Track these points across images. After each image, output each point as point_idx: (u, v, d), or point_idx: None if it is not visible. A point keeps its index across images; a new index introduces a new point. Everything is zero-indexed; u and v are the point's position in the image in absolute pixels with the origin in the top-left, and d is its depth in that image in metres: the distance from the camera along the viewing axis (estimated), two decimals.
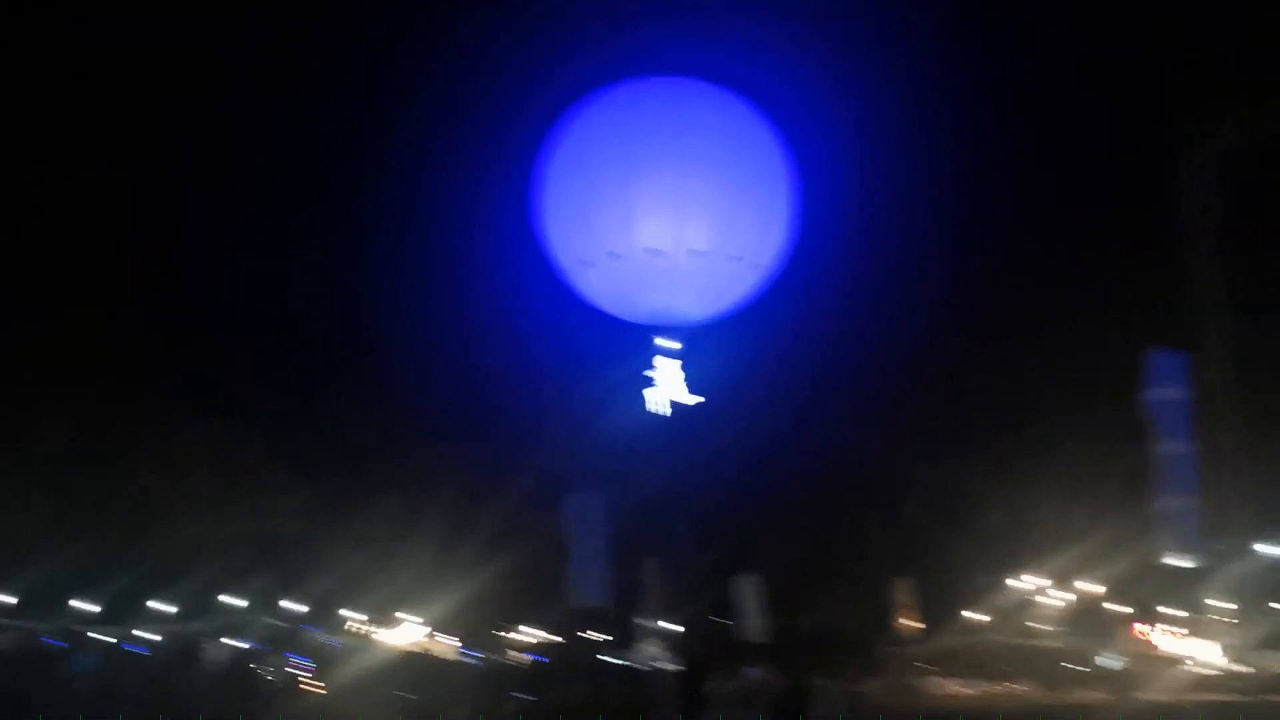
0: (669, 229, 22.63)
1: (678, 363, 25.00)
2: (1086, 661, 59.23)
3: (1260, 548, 36.15)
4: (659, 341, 24.80)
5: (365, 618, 64.77)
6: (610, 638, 67.41)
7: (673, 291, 23.39)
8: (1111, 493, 55.74)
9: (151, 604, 55.07)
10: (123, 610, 52.40)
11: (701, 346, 25.42)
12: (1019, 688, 58.05)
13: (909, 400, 71.08)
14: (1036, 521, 63.85)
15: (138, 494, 54.03)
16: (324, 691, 18.14)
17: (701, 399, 25.50)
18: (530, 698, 21.23)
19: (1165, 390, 33.07)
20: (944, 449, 71.07)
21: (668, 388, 25.01)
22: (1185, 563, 34.78)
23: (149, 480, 54.29)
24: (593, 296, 24.65)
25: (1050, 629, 67.96)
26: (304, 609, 61.83)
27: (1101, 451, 58.06)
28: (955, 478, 68.60)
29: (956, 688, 64.45)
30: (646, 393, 25.45)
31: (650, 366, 25.28)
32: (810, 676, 24.52)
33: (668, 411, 25.29)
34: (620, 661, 49.24)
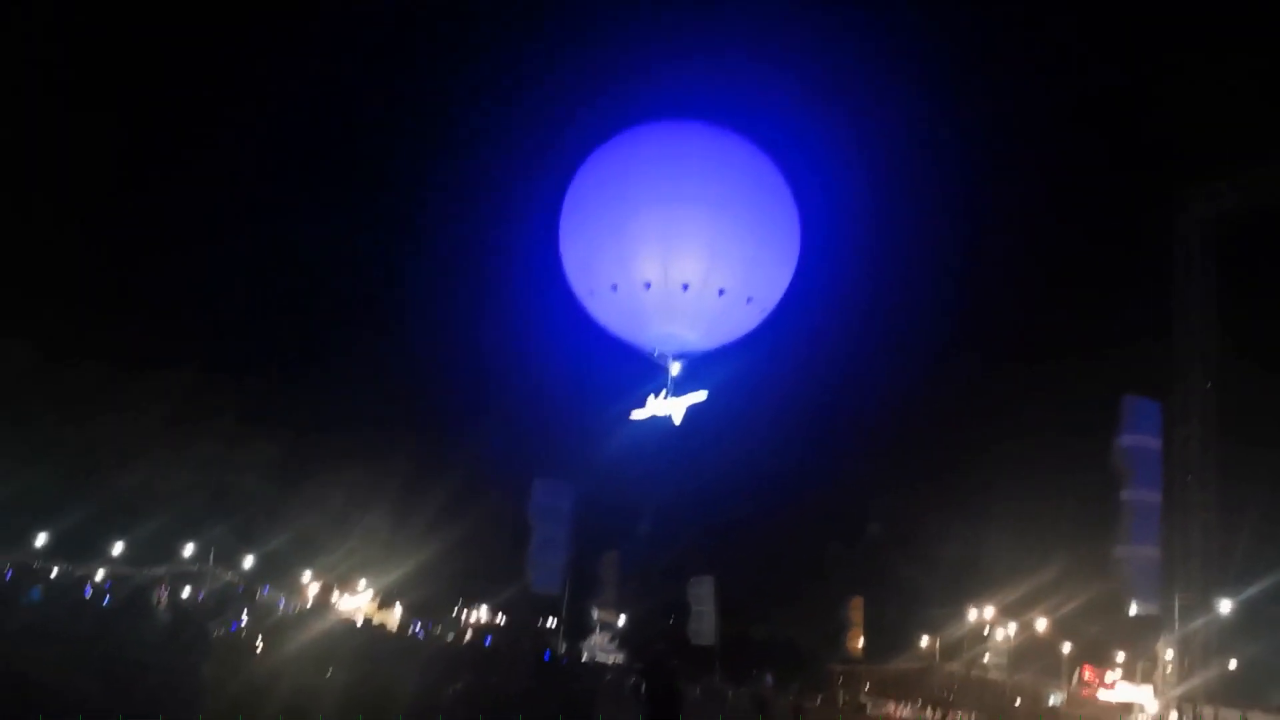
0: (675, 264, 23.32)
1: (673, 382, 25.80)
2: (1038, 699, 59.35)
3: (1218, 601, 36.20)
4: (663, 361, 25.62)
5: (318, 581, 64.45)
6: (560, 626, 67.38)
7: (675, 321, 24.09)
8: (1073, 533, 55.93)
9: (103, 545, 54.65)
10: (74, 548, 51.92)
11: (698, 370, 26.13)
12: (963, 717, 58.13)
13: (881, 427, 71.44)
14: (994, 556, 64.10)
15: (94, 431, 53.58)
16: (267, 652, 17.94)
17: (687, 413, 26.20)
18: (477, 680, 20.97)
19: (1139, 437, 33.09)
20: (910, 476, 71.46)
21: (662, 404, 25.81)
22: (1141, 610, 34.81)
23: (105, 418, 53.83)
24: (603, 321, 25.46)
25: (1000, 662, 68.06)
26: (256, 566, 61.42)
27: (1068, 491, 58.26)
28: (918, 506, 68.88)
29: (902, 712, 64.58)
30: (643, 408, 26.31)
31: (648, 385, 26.25)
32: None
33: (665, 421, 26.08)
34: (566, 652, 49.10)
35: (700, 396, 26.39)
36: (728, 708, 21.78)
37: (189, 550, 59.00)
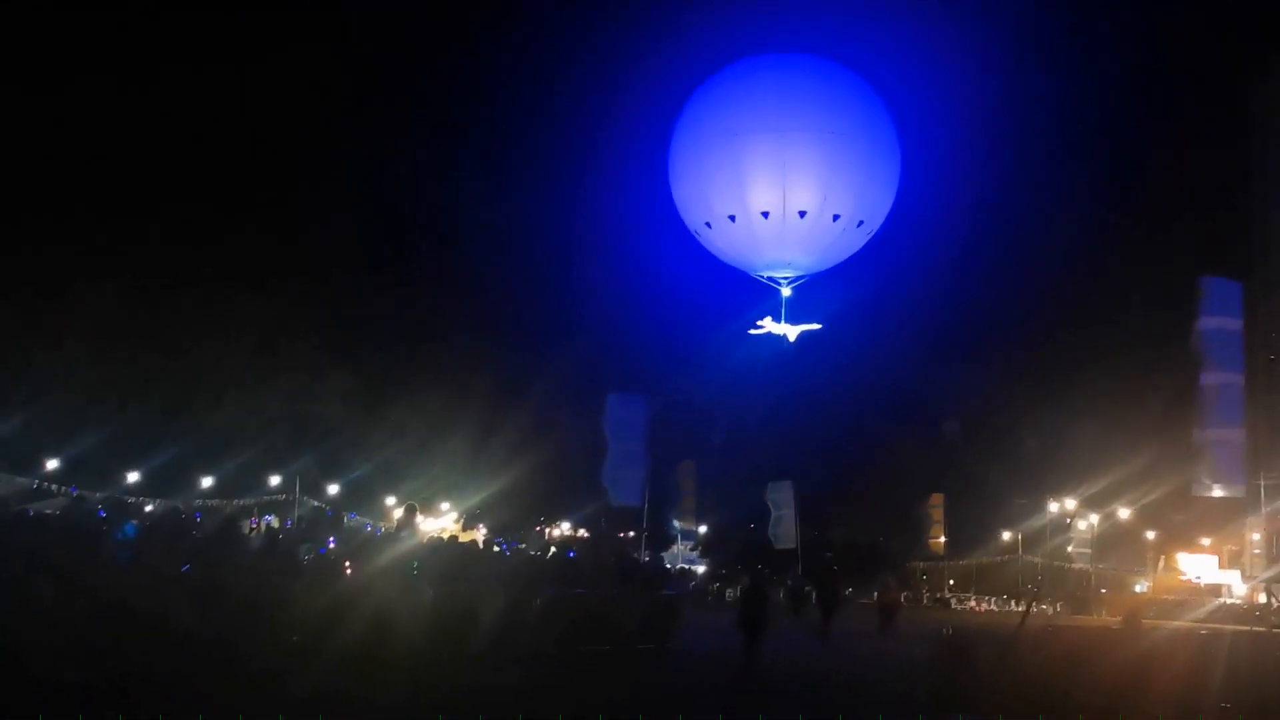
0: (793, 193, 24.17)
1: (786, 303, 27.01)
2: (1123, 587, 59.18)
3: None
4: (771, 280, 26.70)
5: (404, 506, 65.69)
6: (642, 536, 68.28)
7: (791, 248, 25.06)
8: (1155, 419, 55.21)
9: (194, 478, 56.14)
10: (166, 483, 53.38)
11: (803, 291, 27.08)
12: (1047, 609, 58.18)
13: (955, 326, 70.87)
14: (1074, 447, 63.49)
15: (184, 369, 54.77)
16: (357, 575, 18.47)
17: (801, 330, 27.32)
18: (566, 590, 21.42)
19: (1219, 318, 32.34)
20: (985, 371, 70.80)
21: (778, 326, 27.07)
22: (1225, 493, 34.37)
23: (194, 355, 54.97)
24: (718, 251, 26.43)
25: (1083, 552, 67.91)
26: (342, 493, 62.79)
27: (1148, 377, 57.50)
28: (994, 401, 68.29)
29: (986, 605, 64.86)
30: (760, 326, 27.50)
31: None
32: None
33: (780, 337, 27.37)
34: (649, 561, 49.75)
35: (815, 326, 27.47)
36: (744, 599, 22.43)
37: (276, 480, 60.42)
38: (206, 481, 56.97)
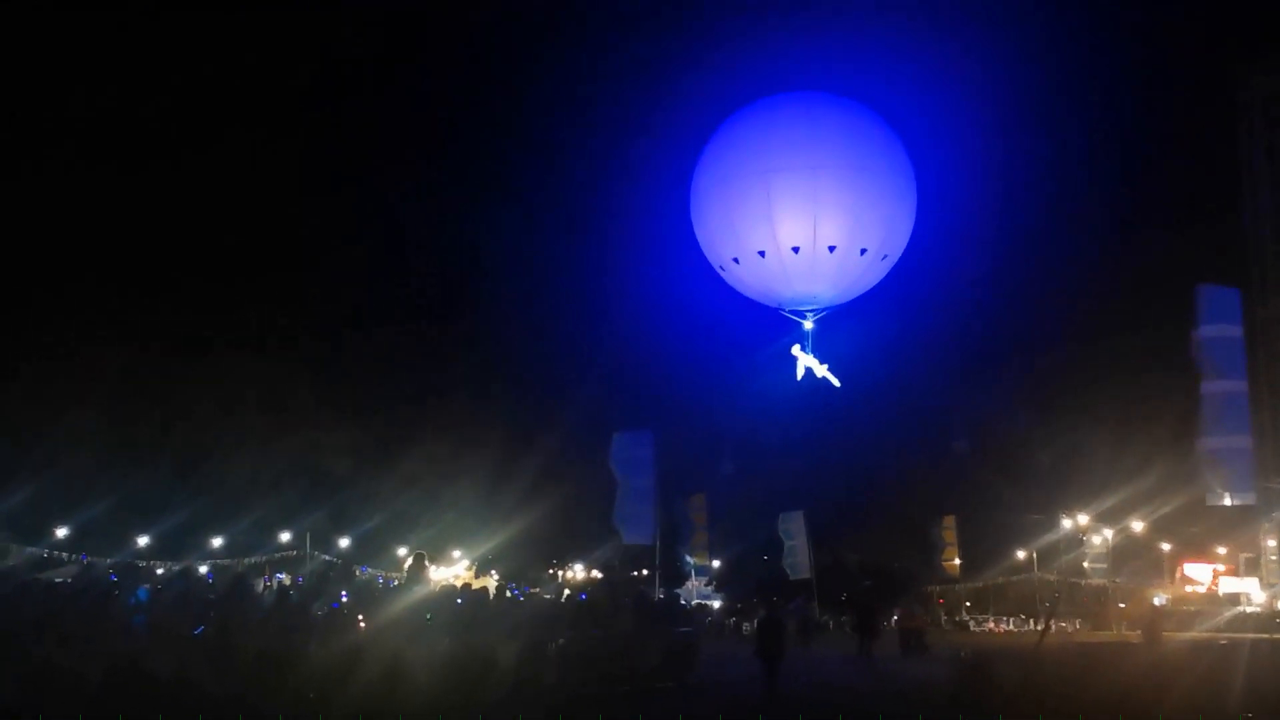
0: (822, 228, 24.85)
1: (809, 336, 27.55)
2: (1142, 600, 58.79)
3: None
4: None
5: (413, 555, 65.56)
6: (656, 574, 68.00)
7: (819, 281, 25.70)
8: (1161, 431, 55.13)
9: (205, 539, 56.06)
10: (177, 545, 53.35)
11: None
12: (1066, 626, 57.84)
13: (966, 340, 71.11)
14: (1084, 460, 63.35)
15: (191, 430, 54.90)
16: (369, 627, 18.43)
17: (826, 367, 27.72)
18: (579, 633, 21.38)
19: (1218, 327, 32.37)
20: (992, 390, 70.85)
21: (806, 358, 27.67)
22: (1236, 502, 34.26)
23: (203, 416, 55.13)
24: (742, 286, 27.12)
25: (1099, 567, 67.52)
26: (354, 546, 62.68)
27: (1153, 389, 57.43)
28: (1002, 419, 68.22)
29: (1004, 626, 64.46)
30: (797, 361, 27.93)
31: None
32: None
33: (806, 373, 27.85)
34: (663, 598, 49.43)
35: (836, 383, 27.99)
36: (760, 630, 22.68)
37: (286, 537, 60.34)
38: (217, 541, 56.89)
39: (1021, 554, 70.50)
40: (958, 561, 71.48)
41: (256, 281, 55.25)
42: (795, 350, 28.12)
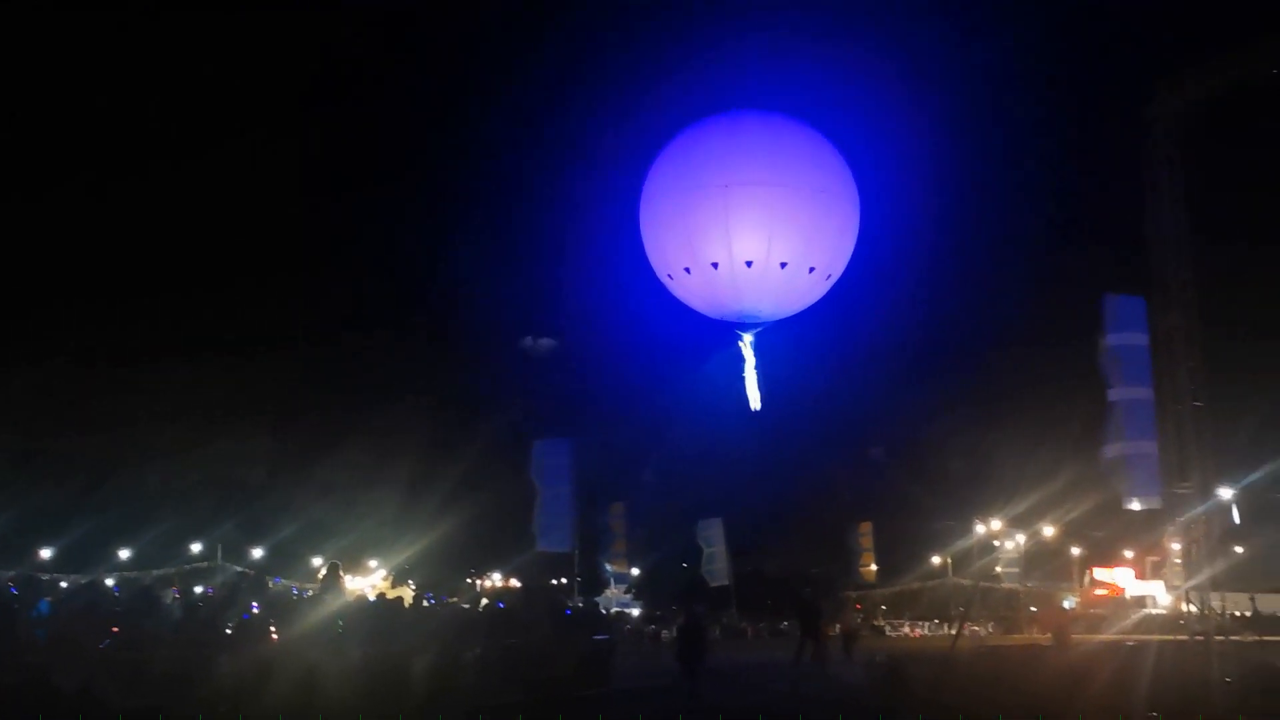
0: (777, 243, 25.11)
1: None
2: (1052, 603, 59.90)
3: (1218, 490, 36.55)
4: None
5: (328, 565, 64.69)
6: (574, 582, 67.81)
7: (766, 297, 25.95)
8: (1071, 438, 56.27)
9: (112, 550, 54.76)
10: (82, 557, 52.04)
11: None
12: (979, 629, 58.73)
13: (883, 351, 71.98)
14: (997, 467, 64.51)
15: (101, 441, 53.66)
16: (282, 638, 18.10)
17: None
18: (495, 642, 21.25)
19: (1124, 334, 33.10)
20: (906, 396, 71.83)
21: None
22: (1143, 505, 35.06)
23: (112, 426, 53.93)
24: (688, 298, 27.23)
25: (1012, 571, 68.75)
26: (267, 557, 61.62)
27: (1063, 397, 58.58)
28: (916, 425, 69.19)
29: (919, 630, 65.27)
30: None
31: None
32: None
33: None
34: (582, 606, 49.31)
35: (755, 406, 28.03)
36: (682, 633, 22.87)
37: (198, 547, 59.16)
38: (124, 553, 55.60)
39: (936, 559, 71.52)
40: (874, 567, 72.28)
41: (166, 291, 54.07)
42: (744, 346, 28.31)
